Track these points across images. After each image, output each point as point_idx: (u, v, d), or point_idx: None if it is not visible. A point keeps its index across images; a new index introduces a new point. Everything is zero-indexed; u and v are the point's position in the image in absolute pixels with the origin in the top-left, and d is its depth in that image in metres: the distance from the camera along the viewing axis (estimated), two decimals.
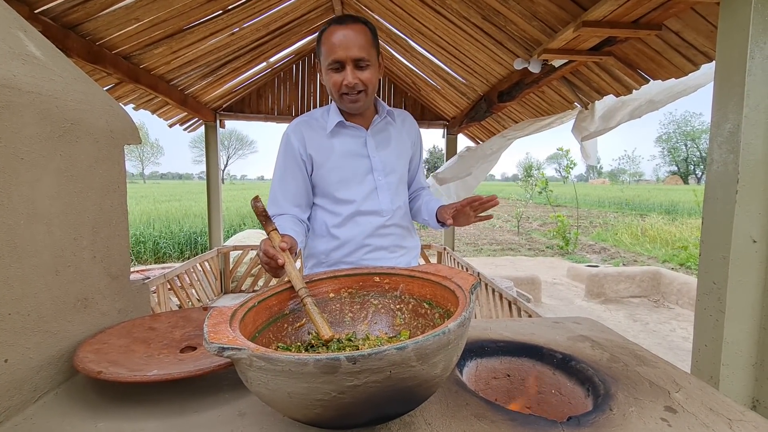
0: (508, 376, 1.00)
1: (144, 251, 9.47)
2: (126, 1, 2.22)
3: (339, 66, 1.10)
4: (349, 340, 0.85)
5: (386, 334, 0.88)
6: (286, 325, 0.83)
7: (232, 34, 3.21)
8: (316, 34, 1.20)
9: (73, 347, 0.81)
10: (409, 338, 0.86)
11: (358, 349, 0.81)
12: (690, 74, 1.88)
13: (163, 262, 8.97)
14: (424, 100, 4.96)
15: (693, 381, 0.84)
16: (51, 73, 0.78)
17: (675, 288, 5.07)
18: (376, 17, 3.60)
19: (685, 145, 58.21)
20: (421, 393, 0.53)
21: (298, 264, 1.65)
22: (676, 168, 63.01)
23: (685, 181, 59.50)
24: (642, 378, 0.85)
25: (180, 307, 3.74)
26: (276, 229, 0.87)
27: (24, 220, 0.70)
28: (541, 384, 0.97)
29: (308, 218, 1.26)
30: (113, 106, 0.94)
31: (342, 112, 1.21)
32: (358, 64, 1.10)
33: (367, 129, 1.24)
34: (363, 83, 1.12)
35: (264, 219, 0.85)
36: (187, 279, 3.98)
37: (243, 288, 4.94)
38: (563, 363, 0.94)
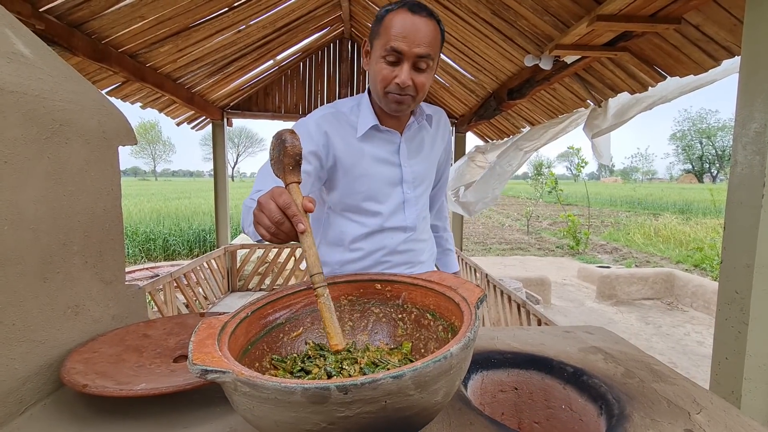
0: (516, 389, 0.95)
1: (154, 248, 9.58)
2: None
3: (396, 59, 0.92)
4: (348, 351, 0.81)
5: (387, 345, 0.83)
6: (281, 335, 0.80)
7: (239, 31, 3.19)
8: (323, 30, 1.11)
9: (63, 356, 0.78)
10: (411, 350, 0.82)
11: (356, 362, 0.77)
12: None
13: (173, 260, 9.06)
14: (432, 98, 4.89)
15: (715, 401, 0.78)
16: (39, 71, 0.75)
17: (689, 290, 4.94)
18: None
19: (700, 143, 56.97)
20: (419, 422, 0.48)
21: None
22: (690, 166, 61.75)
23: (700, 180, 58.31)
24: (659, 396, 0.79)
25: (187, 305, 3.75)
26: (299, 183, 0.64)
27: (8, 225, 0.67)
28: (551, 399, 0.92)
29: (321, 222, 1.18)
30: (106, 106, 0.91)
31: (376, 111, 1.05)
32: (418, 64, 0.93)
33: (401, 133, 1.10)
34: (416, 88, 0.95)
35: (293, 164, 0.61)
36: (194, 277, 3.98)
37: (250, 287, 4.94)
38: (574, 377, 0.89)
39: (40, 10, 1.95)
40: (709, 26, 1.63)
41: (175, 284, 3.53)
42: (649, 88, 2.22)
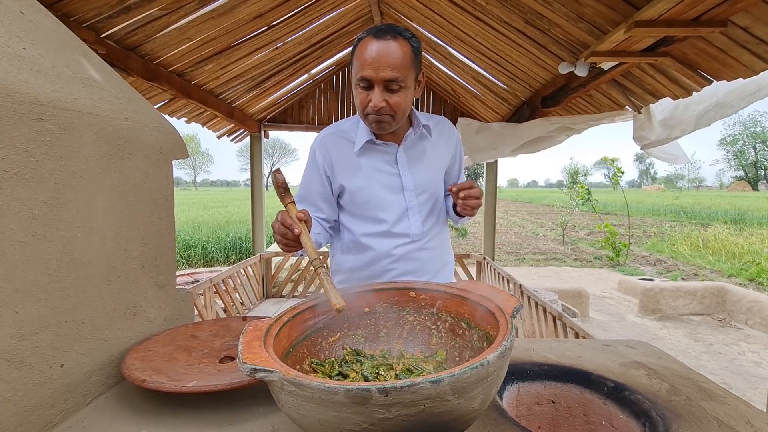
0: (553, 402, 0.93)
1: (194, 255, 10.02)
2: (180, 23, 2.37)
3: (367, 84, 1.00)
4: (384, 357, 0.83)
5: (422, 353, 0.85)
6: (320, 340, 0.83)
7: (276, 48, 3.34)
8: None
9: (122, 353, 0.85)
10: (446, 359, 0.83)
11: (392, 368, 0.79)
12: (761, 73, 1.70)
13: (211, 266, 9.43)
14: (464, 107, 4.88)
15: None
16: (108, 94, 0.84)
17: (744, 306, 4.60)
18: (415, 26, 3.60)
19: (754, 148, 53.20)
20: (456, 428, 0.50)
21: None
22: (743, 173, 57.68)
23: (755, 188, 54.25)
24: (708, 416, 0.76)
25: (225, 310, 3.90)
26: (293, 202, 0.86)
27: (81, 233, 0.75)
28: (590, 413, 0.89)
29: (333, 230, 1.25)
30: (163, 123, 0.99)
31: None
32: (389, 86, 0.99)
33: (399, 144, 1.15)
34: (391, 108, 1.01)
35: (283, 191, 0.85)
36: (231, 283, 4.14)
37: (283, 293, 5.07)
38: (615, 392, 0.87)
39: (102, 36, 2.13)
40: (759, 27, 1.55)
41: (214, 289, 3.68)
42: (694, 93, 2.12)
